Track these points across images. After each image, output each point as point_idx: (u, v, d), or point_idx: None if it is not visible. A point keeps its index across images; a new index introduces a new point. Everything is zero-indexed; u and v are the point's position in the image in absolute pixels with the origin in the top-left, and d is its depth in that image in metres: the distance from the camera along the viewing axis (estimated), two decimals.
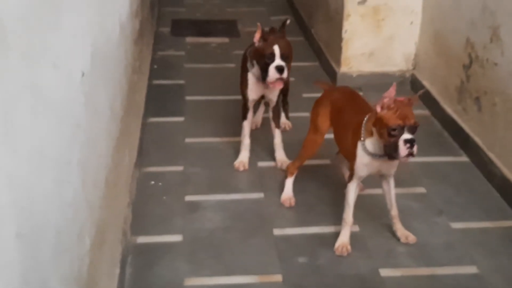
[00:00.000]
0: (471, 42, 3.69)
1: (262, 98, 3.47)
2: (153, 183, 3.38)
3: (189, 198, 3.25)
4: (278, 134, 3.52)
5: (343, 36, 4.52)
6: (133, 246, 2.84)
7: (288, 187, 3.22)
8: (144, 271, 2.70)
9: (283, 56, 3.15)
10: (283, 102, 3.85)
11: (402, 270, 2.74)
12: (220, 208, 3.17)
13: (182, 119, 4.13)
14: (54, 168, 1.61)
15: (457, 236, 2.98)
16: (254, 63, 3.29)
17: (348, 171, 3.25)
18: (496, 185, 3.35)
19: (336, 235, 2.89)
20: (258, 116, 3.96)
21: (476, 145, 3.59)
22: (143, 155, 3.59)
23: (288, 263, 2.77)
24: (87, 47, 2.12)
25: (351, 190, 2.81)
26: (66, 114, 1.76)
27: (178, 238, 2.93)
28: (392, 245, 2.90)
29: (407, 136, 2.48)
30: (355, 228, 2.94)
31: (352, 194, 2.81)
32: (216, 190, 3.32)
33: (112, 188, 2.54)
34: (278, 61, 3.13)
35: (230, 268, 2.74)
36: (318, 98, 3.11)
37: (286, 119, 3.92)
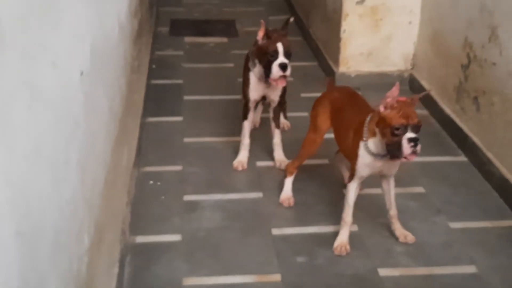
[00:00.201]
0: (469, 42, 3.69)
1: (264, 98, 3.47)
2: (151, 182, 3.38)
3: (187, 198, 3.25)
4: (277, 134, 3.52)
5: (342, 36, 4.52)
6: (131, 245, 2.84)
7: (287, 186, 3.21)
8: (143, 271, 2.69)
9: (287, 53, 3.15)
10: (281, 102, 3.84)
11: (400, 269, 2.74)
12: (219, 208, 3.17)
13: (181, 118, 4.12)
14: (52, 167, 1.61)
15: (455, 235, 2.98)
16: (256, 62, 3.29)
17: (347, 171, 3.25)
18: (495, 184, 3.36)
19: (335, 234, 2.89)
20: (257, 116, 3.95)
21: (475, 144, 3.59)
22: (141, 154, 3.59)
23: (286, 263, 2.77)
24: (86, 46, 2.12)
25: (352, 190, 2.80)
26: (64, 113, 1.76)
27: (176, 237, 2.93)
28: (391, 244, 2.90)
29: (410, 135, 2.47)
30: (353, 227, 2.94)
31: (352, 194, 2.80)
32: (215, 190, 3.32)
33: (110, 187, 2.54)
34: (282, 58, 3.13)
35: (228, 267, 2.73)
36: (317, 97, 3.11)
37: (284, 119, 3.92)
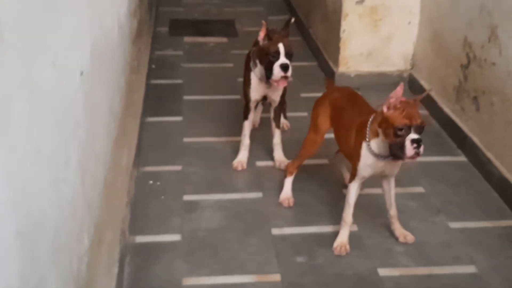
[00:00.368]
0: (469, 42, 3.69)
1: (264, 98, 3.47)
2: (151, 182, 3.37)
3: (187, 198, 3.25)
4: (277, 134, 3.52)
5: (341, 36, 4.52)
6: (131, 245, 2.84)
7: (287, 186, 3.21)
8: (143, 271, 2.69)
9: (288, 54, 3.15)
10: (281, 102, 3.84)
11: (400, 269, 2.74)
12: (219, 208, 3.17)
13: (180, 118, 4.12)
14: (52, 167, 1.61)
15: (455, 235, 2.98)
16: (257, 62, 3.29)
17: (347, 171, 3.25)
18: (495, 184, 3.36)
19: (335, 234, 2.89)
20: (257, 116, 3.95)
21: (474, 144, 3.59)
22: (141, 154, 3.59)
23: (286, 263, 2.77)
24: (86, 46, 2.12)
25: (352, 190, 2.80)
26: (64, 113, 1.76)
27: (176, 237, 2.92)
28: (391, 244, 2.90)
29: (413, 136, 2.46)
30: (353, 227, 2.94)
31: (353, 194, 2.80)
32: (215, 190, 3.32)
33: (110, 187, 2.54)
34: (283, 59, 3.13)
35: (228, 267, 2.73)
36: (318, 98, 3.11)
37: (284, 119, 3.91)
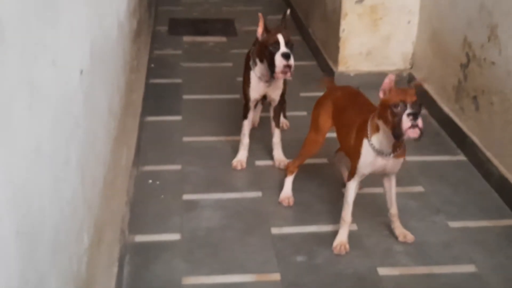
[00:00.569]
0: (468, 41, 3.69)
1: (264, 98, 3.46)
2: (150, 182, 3.37)
3: (187, 197, 3.24)
4: (277, 134, 3.51)
5: (341, 35, 4.52)
6: (131, 245, 2.84)
7: (288, 186, 3.20)
8: (142, 270, 2.69)
9: (288, 44, 3.15)
10: (281, 101, 3.84)
11: (400, 269, 2.74)
12: (218, 207, 3.16)
13: (180, 118, 4.12)
14: (52, 166, 1.61)
15: (455, 235, 2.98)
16: (257, 61, 3.29)
17: (347, 171, 3.24)
18: (494, 184, 3.36)
19: (334, 234, 2.89)
20: (256, 115, 3.95)
21: (474, 144, 3.59)
22: (140, 154, 3.59)
23: (286, 262, 2.77)
24: (85, 45, 2.12)
25: (351, 189, 2.79)
26: (64, 112, 1.76)
27: (176, 237, 2.92)
28: (390, 244, 2.90)
29: (409, 110, 2.44)
30: (353, 226, 2.94)
31: (352, 193, 2.80)
32: (214, 189, 3.32)
33: (110, 187, 2.53)
34: (283, 48, 3.13)
35: (228, 267, 2.73)
36: (319, 97, 3.10)
37: (283, 118, 3.91)
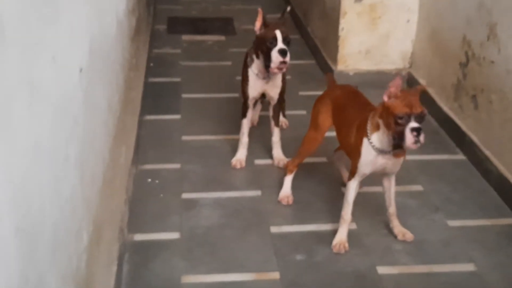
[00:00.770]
0: (467, 40, 3.69)
1: (262, 96, 3.46)
2: (150, 180, 3.37)
3: (186, 196, 3.24)
4: (276, 132, 3.51)
5: (340, 34, 4.52)
6: (130, 243, 2.83)
7: (287, 185, 3.20)
8: (141, 269, 2.69)
9: (285, 40, 3.15)
10: (280, 100, 3.84)
11: (399, 267, 2.74)
12: (217, 206, 3.16)
13: (179, 116, 4.12)
14: (52, 164, 1.60)
15: (454, 233, 2.98)
16: (254, 58, 3.29)
17: (346, 170, 3.25)
18: (493, 182, 3.36)
19: (333, 232, 2.89)
20: (255, 114, 3.95)
21: (473, 143, 3.59)
22: (139, 152, 3.58)
23: (285, 261, 2.77)
24: (85, 43, 2.11)
25: (352, 188, 2.79)
26: (64, 110, 1.75)
27: (175, 235, 2.92)
28: (390, 242, 2.90)
29: (414, 124, 2.45)
30: (352, 225, 2.94)
31: (352, 192, 2.79)
32: (213, 188, 3.32)
33: (109, 185, 2.53)
34: (281, 44, 3.13)
35: (227, 265, 2.73)
36: (319, 96, 3.10)
37: (282, 117, 3.91)
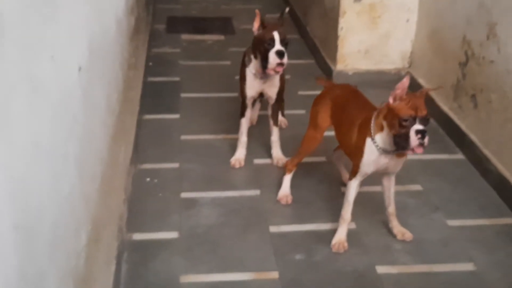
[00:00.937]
0: (467, 39, 3.69)
1: (261, 96, 3.46)
2: (149, 180, 3.36)
3: (185, 195, 3.24)
4: (275, 132, 3.51)
5: (339, 33, 4.52)
6: (129, 242, 2.83)
7: (286, 184, 3.19)
8: (140, 268, 2.68)
9: (283, 41, 3.15)
10: (279, 100, 3.84)
11: (398, 267, 2.74)
12: (216, 205, 3.16)
13: (178, 116, 4.11)
14: (51, 162, 1.60)
15: (453, 233, 2.98)
16: (252, 58, 3.29)
17: (345, 169, 3.25)
18: (492, 182, 3.35)
19: (333, 232, 2.88)
20: (254, 113, 3.94)
21: (472, 142, 3.59)
22: (138, 152, 3.58)
23: (284, 260, 2.76)
24: (84, 41, 2.11)
25: (353, 188, 2.78)
26: (63, 108, 1.75)
27: (174, 234, 2.91)
28: (389, 242, 2.89)
29: (418, 127, 2.44)
30: (351, 225, 2.93)
31: (353, 192, 2.78)
32: (212, 187, 3.31)
33: (108, 184, 2.53)
34: (278, 46, 3.13)
35: (226, 265, 2.72)
36: (318, 95, 3.09)
37: (282, 117, 3.91)
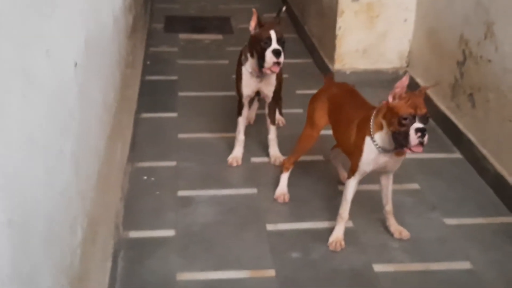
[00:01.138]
0: (465, 38, 3.69)
1: (258, 94, 3.46)
2: (145, 178, 3.36)
3: (181, 193, 3.23)
4: (273, 130, 3.51)
5: (337, 32, 4.51)
6: (125, 240, 2.82)
7: (283, 182, 3.19)
8: (136, 266, 2.68)
9: (279, 40, 3.15)
10: (277, 98, 3.84)
11: (395, 265, 2.73)
12: (213, 203, 3.15)
13: (175, 114, 4.11)
14: (46, 157, 1.59)
15: (450, 231, 2.97)
16: (248, 56, 3.29)
17: (342, 168, 3.25)
18: (489, 181, 3.35)
19: (330, 230, 2.88)
20: (252, 112, 3.95)
21: (470, 141, 3.59)
22: (135, 150, 3.57)
23: (281, 258, 2.76)
24: (80, 37, 2.10)
25: (351, 186, 2.77)
26: (58, 104, 1.74)
27: (170, 233, 2.91)
28: (386, 240, 2.89)
29: (418, 125, 2.44)
30: (349, 223, 2.92)
31: (352, 190, 2.77)
32: (209, 185, 3.31)
33: (104, 181, 2.52)
34: (275, 45, 3.13)
35: (222, 263, 2.72)
36: (315, 93, 3.09)
37: (279, 115, 3.91)
